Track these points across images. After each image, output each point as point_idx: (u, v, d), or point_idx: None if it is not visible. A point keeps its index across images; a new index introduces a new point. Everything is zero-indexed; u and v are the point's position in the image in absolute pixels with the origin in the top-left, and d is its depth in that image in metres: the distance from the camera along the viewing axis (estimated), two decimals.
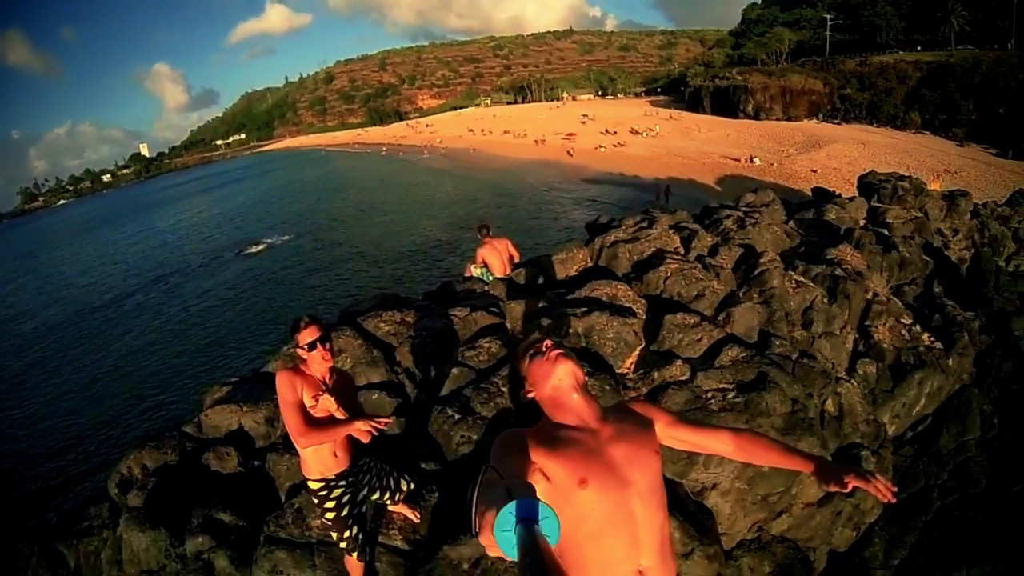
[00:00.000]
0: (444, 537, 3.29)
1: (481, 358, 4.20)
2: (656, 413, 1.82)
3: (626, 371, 4.10)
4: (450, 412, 3.75)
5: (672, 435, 1.79)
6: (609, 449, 1.61)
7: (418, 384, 4.47)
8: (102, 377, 21.04)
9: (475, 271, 6.59)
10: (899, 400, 4.89)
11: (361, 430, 2.69)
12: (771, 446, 1.76)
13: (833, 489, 1.59)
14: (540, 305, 4.83)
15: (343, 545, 3.03)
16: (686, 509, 3.42)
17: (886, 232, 6.84)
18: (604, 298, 4.62)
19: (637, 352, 4.21)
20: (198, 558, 3.65)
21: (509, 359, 4.10)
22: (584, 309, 4.37)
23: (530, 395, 1.77)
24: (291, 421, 2.65)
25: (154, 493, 4.04)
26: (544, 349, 1.76)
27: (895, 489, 1.55)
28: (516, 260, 6.68)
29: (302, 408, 2.67)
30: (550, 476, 1.53)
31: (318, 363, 2.73)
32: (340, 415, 2.73)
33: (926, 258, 6.85)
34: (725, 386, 3.75)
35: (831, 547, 4.07)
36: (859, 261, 5.78)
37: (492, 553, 1.07)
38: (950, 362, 5.07)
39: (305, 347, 2.68)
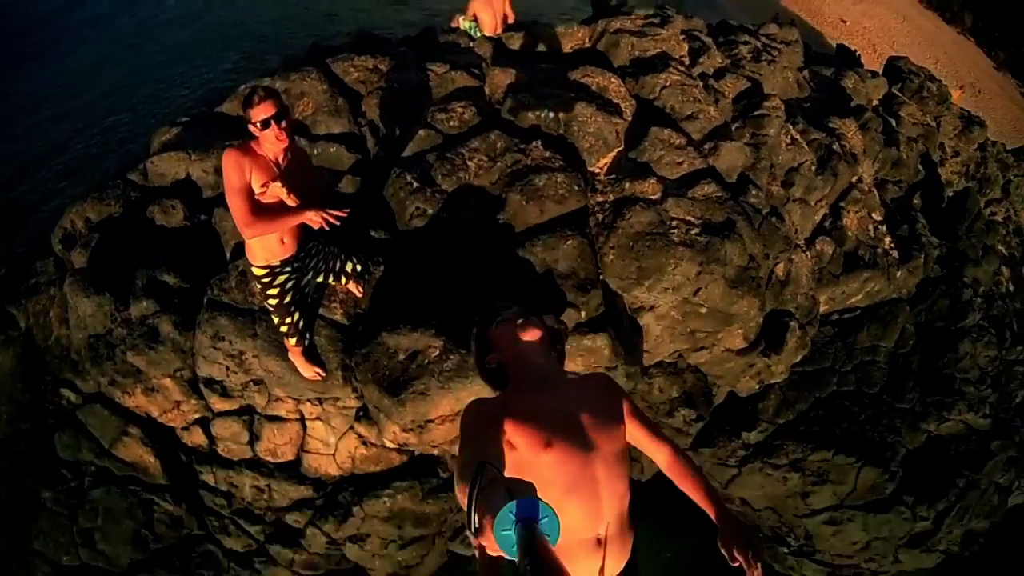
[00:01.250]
0: (384, 320, 3.26)
1: (452, 123, 3.90)
2: (622, 394, 1.82)
3: (598, 171, 3.92)
4: (409, 178, 3.57)
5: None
6: (575, 413, 1.61)
7: (380, 140, 4.17)
8: (45, 101, 19.30)
9: (463, 24, 5.87)
10: (841, 288, 5.02)
11: (313, 220, 2.46)
12: (699, 483, 1.73)
13: (722, 551, 1.57)
14: (525, 79, 4.41)
15: (283, 330, 3.00)
16: (620, 324, 3.51)
17: (894, 124, 6.56)
18: (594, 87, 4.25)
19: (614, 154, 3.99)
20: (143, 323, 3.60)
21: (481, 129, 3.83)
22: (571, 95, 4.03)
23: (496, 360, 1.77)
24: (236, 208, 2.40)
25: (98, 251, 3.85)
26: (510, 316, 1.77)
27: None
28: (511, 21, 5.96)
29: (249, 194, 2.41)
30: (516, 444, 1.53)
31: (271, 143, 2.41)
32: (291, 202, 2.47)
33: (920, 168, 6.70)
34: (692, 220, 3.66)
35: (734, 390, 4.39)
36: (858, 143, 5.56)
37: (492, 552, 1.05)
38: (898, 274, 5.16)
39: (258, 124, 2.34)
